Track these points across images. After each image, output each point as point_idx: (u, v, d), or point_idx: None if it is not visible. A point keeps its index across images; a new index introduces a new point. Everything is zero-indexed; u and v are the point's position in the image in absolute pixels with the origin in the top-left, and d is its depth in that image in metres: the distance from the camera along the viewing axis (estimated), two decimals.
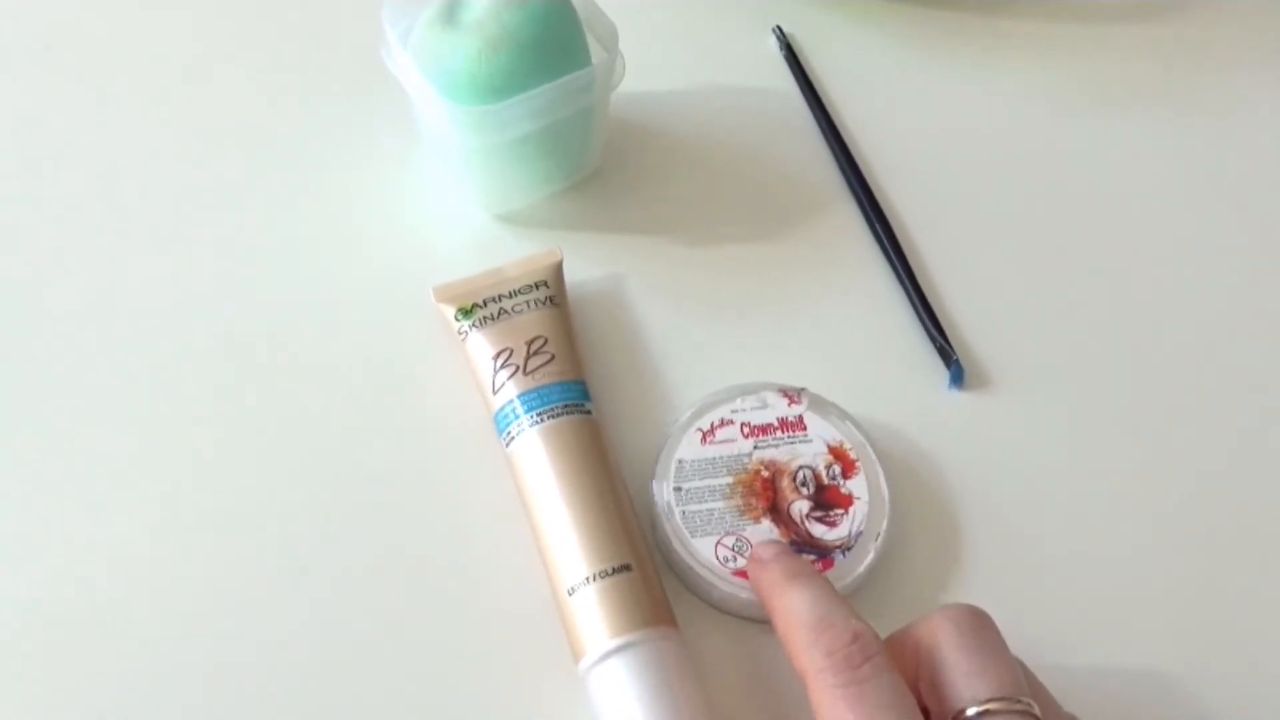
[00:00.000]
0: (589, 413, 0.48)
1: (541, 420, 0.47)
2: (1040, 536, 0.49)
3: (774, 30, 0.63)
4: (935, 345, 0.52)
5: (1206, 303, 0.55)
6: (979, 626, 0.39)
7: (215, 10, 0.63)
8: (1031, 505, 0.49)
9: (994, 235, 0.57)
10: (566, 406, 0.47)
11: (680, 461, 0.47)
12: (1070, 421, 0.52)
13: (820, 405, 0.49)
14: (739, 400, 0.49)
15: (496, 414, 0.48)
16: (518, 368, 0.49)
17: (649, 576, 0.44)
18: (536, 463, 0.46)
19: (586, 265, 0.54)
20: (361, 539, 0.48)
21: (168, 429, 0.50)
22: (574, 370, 0.49)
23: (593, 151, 0.56)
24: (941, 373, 0.52)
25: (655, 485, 0.47)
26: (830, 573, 0.45)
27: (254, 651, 0.45)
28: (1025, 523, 0.49)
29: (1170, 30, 0.65)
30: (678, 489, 0.46)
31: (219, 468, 0.49)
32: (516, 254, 0.54)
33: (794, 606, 0.39)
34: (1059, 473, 0.50)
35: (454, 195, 0.56)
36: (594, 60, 0.52)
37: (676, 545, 0.46)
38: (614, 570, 0.43)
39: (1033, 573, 0.48)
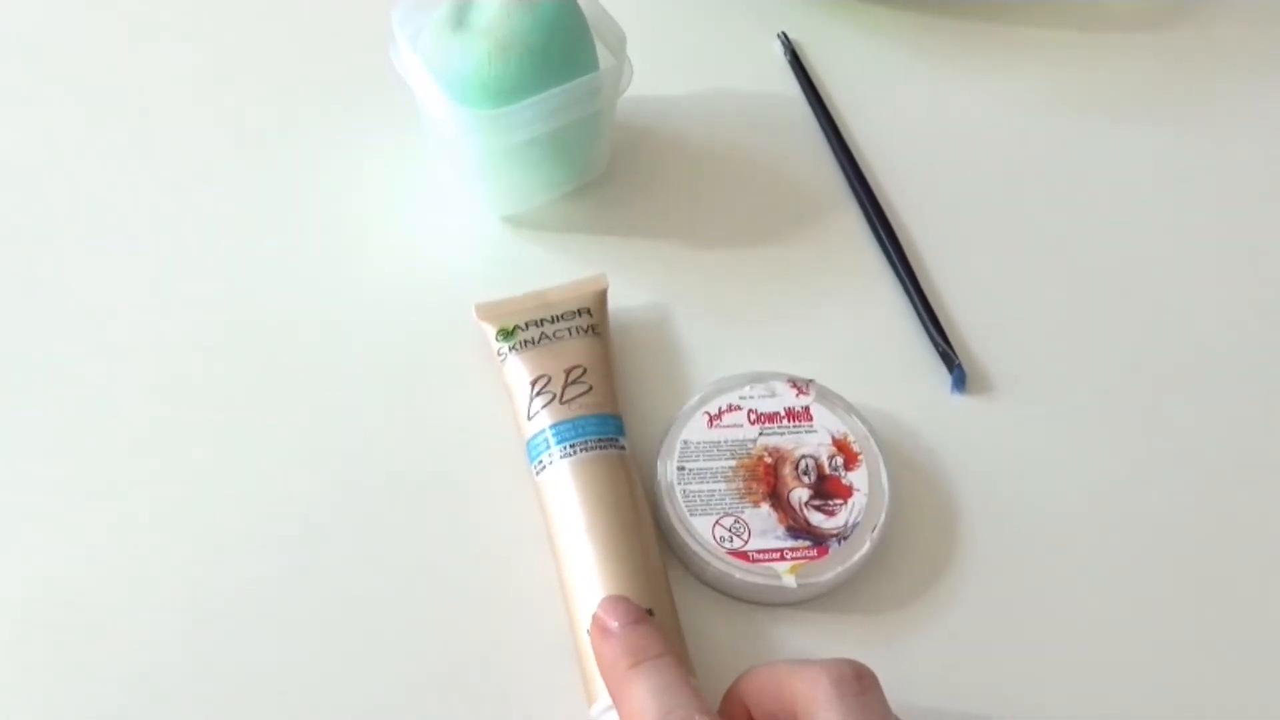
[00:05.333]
0: (623, 448, 0.49)
1: (574, 452, 0.48)
2: (1036, 540, 0.51)
3: (779, 36, 0.66)
4: (938, 350, 0.55)
5: (1210, 310, 0.58)
6: (861, 690, 0.39)
7: (223, 13, 0.66)
8: (1029, 509, 0.52)
9: (997, 241, 0.59)
10: (601, 441, 0.49)
11: (686, 442, 0.50)
12: (1071, 427, 0.54)
13: (827, 397, 0.51)
14: (748, 387, 0.52)
15: (530, 441, 0.50)
16: (554, 395, 0.50)
17: (669, 624, 0.46)
18: (565, 496, 0.48)
19: (593, 267, 0.56)
20: (384, 555, 0.49)
21: (178, 446, 0.52)
22: (611, 404, 0.50)
23: (600, 155, 0.59)
24: (945, 375, 0.54)
25: (660, 463, 0.50)
26: (824, 560, 0.48)
27: (268, 668, 0.47)
28: (1022, 525, 0.51)
29: (1174, 36, 0.68)
30: (681, 468, 0.49)
31: (240, 481, 0.51)
32: (524, 256, 0.57)
33: (639, 699, 0.40)
34: (1058, 478, 0.53)
35: (461, 197, 0.59)
36: (602, 65, 0.54)
37: (675, 522, 0.48)
38: None
39: (1027, 575, 0.50)
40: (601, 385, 0.51)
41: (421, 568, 0.49)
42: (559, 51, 0.53)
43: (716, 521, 0.48)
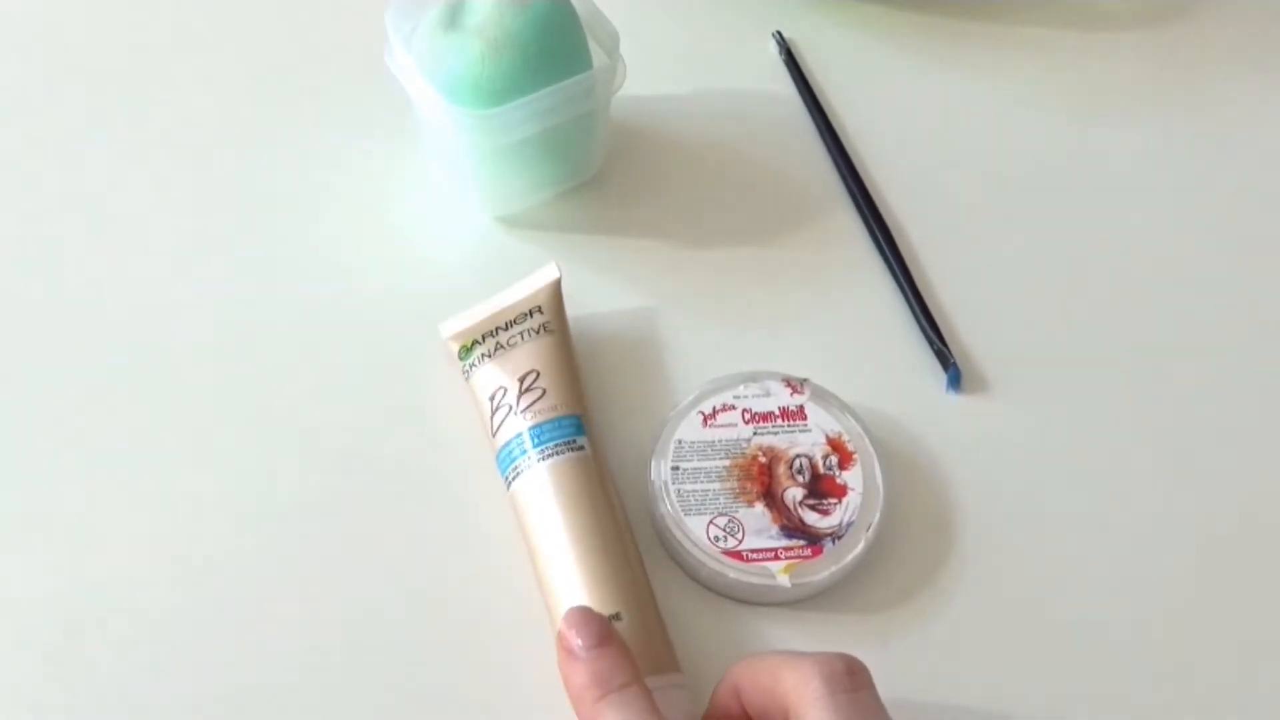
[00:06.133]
0: (582, 448, 0.49)
1: (537, 461, 0.48)
2: (1031, 539, 0.51)
3: (774, 35, 0.66)
4: (933, 349, 0.55)
5: (1205, 309, 0.58)
6: (853, 687, 0.39)
7: (216, 12, 0.66)
8: (1024, 508, 0.52)
9: (993, 239, 0.59)
10: (557, 446, 0.48)
11: (680, 442, 0.50)
12: (1066, 426, 0.54)
13: (822, 396, 0.52)
14: (742, 387, 0.52)
15: (497, 455, 0.50)
16: (510, 408, 0.50)
17: (647, 622, 0.46)
18: (532, 504, 0.48)
19: (587, 267, 0.57)
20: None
21: (160, 447, 0.52)
22: (567, 404, 0.50)
23: (594, 154, 0.59)
24: (940, 374, 0.55)
25: (653, 463, 0.50)
26: (818, 560, 0.48)
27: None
28: (1016, 524, 0.51)
29: (1169, 36, 0.68)
30: (675, 468, 0.49)
31: (229, 484, 0.51)
32: (517, 256, 0.57)
33: None
34: (1053, 477, 0.53)
35: (455, 197, 0.59)
36: (595, 64, 0.55)
37: (669, 523, 0.48)
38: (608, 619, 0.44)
39: (1022, 574, 0.50)
40: (557, 387, 0.50)
41: (404, 582, 0.49)
42: (552, 51, 0.53)
43: (711, 521, 0.48)
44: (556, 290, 0.53)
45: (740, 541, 0.48)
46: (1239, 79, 0.66)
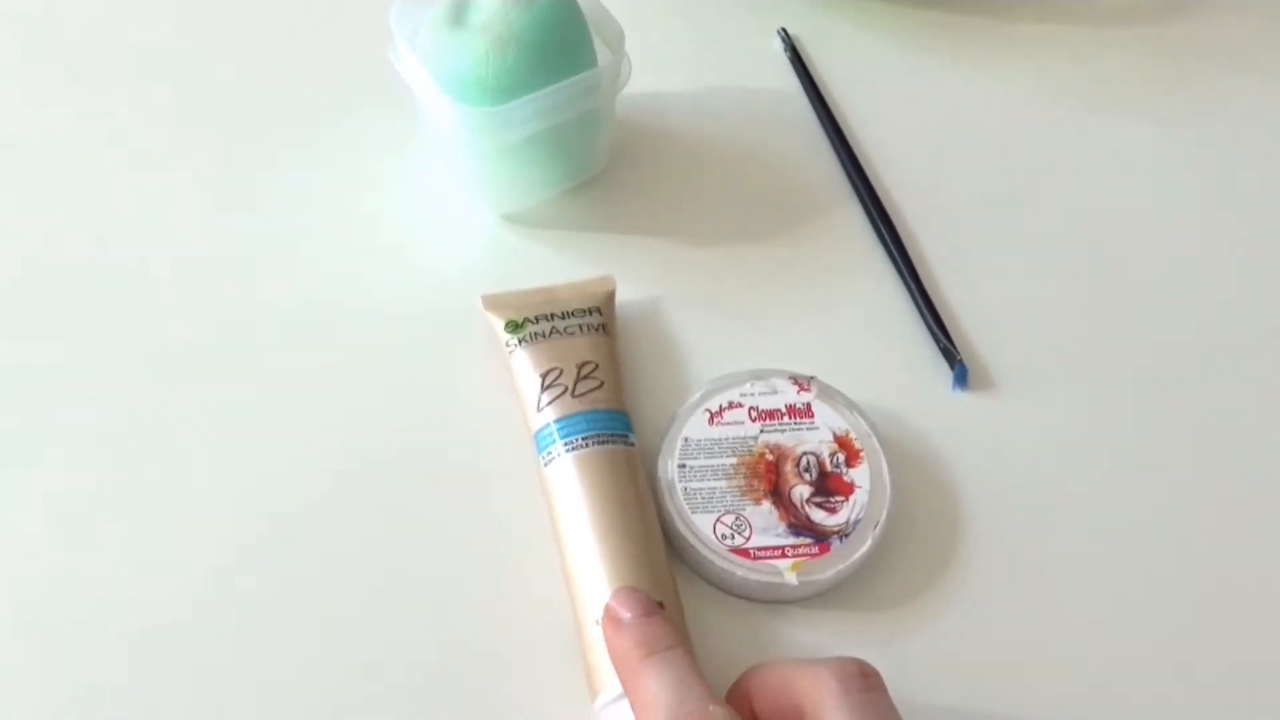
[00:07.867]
0: (632, 444, 0.49)
1: (585, 445, 0.48)
2: (1038, 536, 0.51)
3: (779, 32, 0.66)
4: (939, 346, 0.55)
5: (1211, 305, 0.58)
6: (867, 688, 0.39)
7: (219, 10, 0.67)
8: (1031, 505, 0.52)
9: (998, 236, 0.60)
10: (611, 436, 0.49)
11: (687, 439, 0.50)
12: (1072, 423, 0.54)
13: (829, 394, 0.52)
14: (749, 384, 0.52)
15: (537, 432, 0.50)
16: (566, 389, 0.50)
17: (676, 620, 0.46)
18: (573, 488, 0.48)
19: (593, 265, 0.56)
20: (389, 546, 0.49)
21: (189, 441, 0.52)
22: (620, 400, 0.51)
23: (599, 152, 0.59)
24: (947, 372, 0.54)
25: (660, 460, 0.50)
26: (825, 557, 0.48)
27: (273, 655, 0.47)
28: (1023, 521, 0.51)
29: (1172, 31, 0.68)
30: (682, 466, 0.49)
31: (246, 475, 0.51)
32: (523, 254, 0.57)
33: (651, 691, 0.40)
34: (1060, 474, 0.53)
35: (460, 195, 0.59)
36: (600, 61, 0.55)
37: (676, 520, 0.48)
38: None
39: (1029, 571, 0.50)
40: (611, 382, 0.51)
41: (427, 560, 0.49)
42: (557, 48, 0.53)
43: (718, 519, 0.48)
44: (612, 300, 0.54)
45: (747, 539, 0.48)
46: (1242, 74, 0.66)
